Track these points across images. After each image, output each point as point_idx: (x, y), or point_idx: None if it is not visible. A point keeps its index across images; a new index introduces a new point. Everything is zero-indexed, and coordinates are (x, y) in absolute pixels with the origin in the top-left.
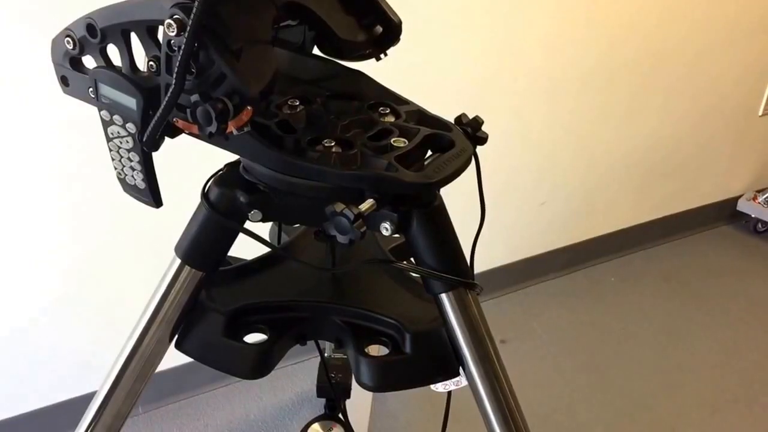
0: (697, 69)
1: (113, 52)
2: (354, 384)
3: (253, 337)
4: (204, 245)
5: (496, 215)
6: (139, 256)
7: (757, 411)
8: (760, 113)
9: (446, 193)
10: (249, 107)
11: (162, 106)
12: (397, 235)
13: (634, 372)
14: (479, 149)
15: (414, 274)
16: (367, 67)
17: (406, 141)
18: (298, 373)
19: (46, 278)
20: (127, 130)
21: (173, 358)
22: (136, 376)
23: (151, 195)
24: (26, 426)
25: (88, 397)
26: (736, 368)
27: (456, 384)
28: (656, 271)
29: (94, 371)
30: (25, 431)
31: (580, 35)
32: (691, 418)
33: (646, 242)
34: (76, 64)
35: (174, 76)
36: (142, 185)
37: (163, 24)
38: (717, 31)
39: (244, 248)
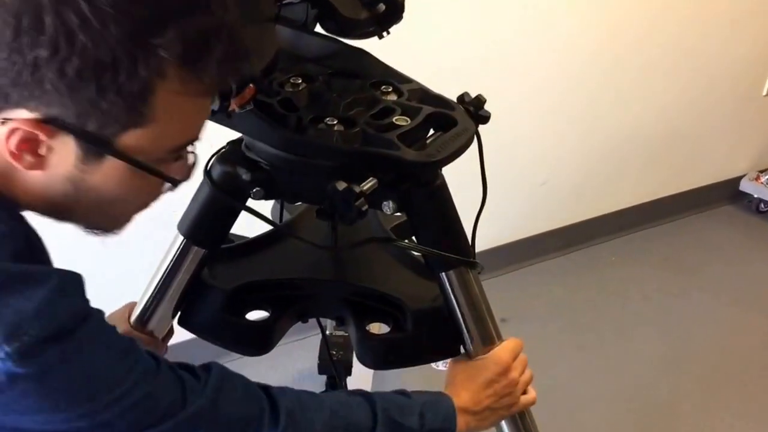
0: (700, 48)
1: None
2: (355, 361)
3: (255, 315)
4: (206, 223)
5: (497, 194)
6: (142, 232)
7: (755, 391)
8: (765, 93)
9: (448, 172)
10: (251, 85)
11: None
12: (398, 214)
13: (634, 351)
14: (481, 128)
15: (415, 253)
16: (369, 45)
17: (408, 119)
18: (300, 350)
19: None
20: None
21: (176, 334)
22: None
23: None
24: None
25: None
26: (735, 348)
27: None
28: (657, 251)
29: None
30: None
31: (583, 13)
32: (691, 398)
33: (647, 222)
34: None
35: None
36: None
37: None
38: (722, 11)
39: (247, 226)
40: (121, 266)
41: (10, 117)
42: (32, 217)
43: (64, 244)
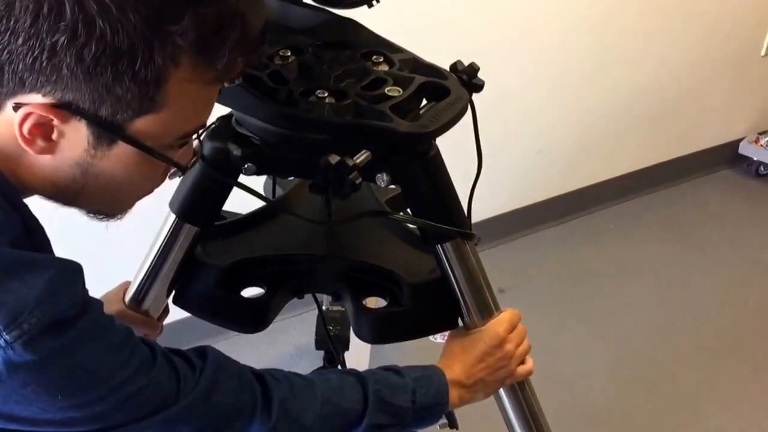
0: (698, 9)
1: None
2: (352, 336)
3: (250, 291)
4: (198, 200)
5: (493, 164)
6: (134, 211)
7: (756, 357)
8: (763, 53)
9: (442, 142)
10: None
11: None
12: (393, 186)
13: (634, 319)
14: (475, 97)
15: (411, 226)
16: (359, 14)
17: (400, 90)
18: (297, 326)
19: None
20: None
21: (172, 312)
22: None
23: None
24: None
25: None
26: (735, 314)
27: None
28: (655, 218)
29: None
30: None
31: None
32: (691, 365)
33: (645, 188)
34: None
35: None
36: None
37: None
38: None
39: (239, 203)
40: (115, 245)
41: (24, 101)
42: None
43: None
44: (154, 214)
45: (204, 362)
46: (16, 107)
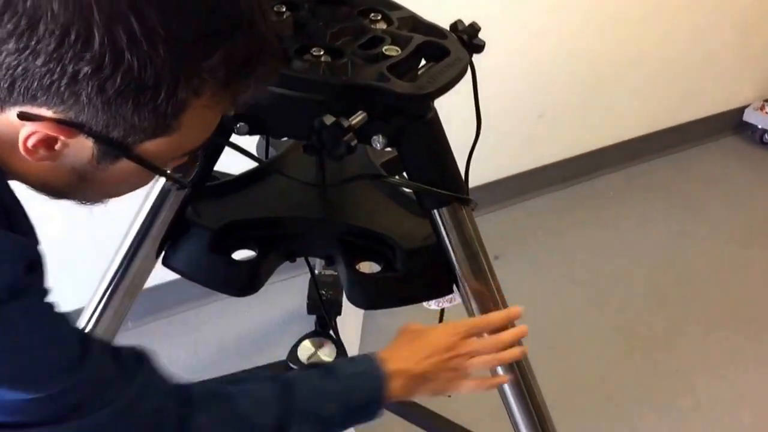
0: None
1: None
2: (345, 301)
3: (242, 254)
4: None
5: (492, 127)
6: None
7: (753, 328)
8: None
9: (440, 104)
10: None
11: None
12: (389, 149)
13: (630, 287)
14: (475, 58)
15: (407, 190)
16: None
17: (398, 49)
18: (289, 289)
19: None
20: None
21: (161, 274)
22: (123, 293)
23: None
24: None
25: (75, 314)
26: (733, 285)
27: (449, 301)
28: (657, 185)
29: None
30: None
31: None
32: (687, 334)
33: (647, 155)
34: None
35: None
36: None
37: None
38: None
39: (231, 164)
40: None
41: (31, 112)
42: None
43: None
44: None
45: (137, 368)
46: (22, 116)
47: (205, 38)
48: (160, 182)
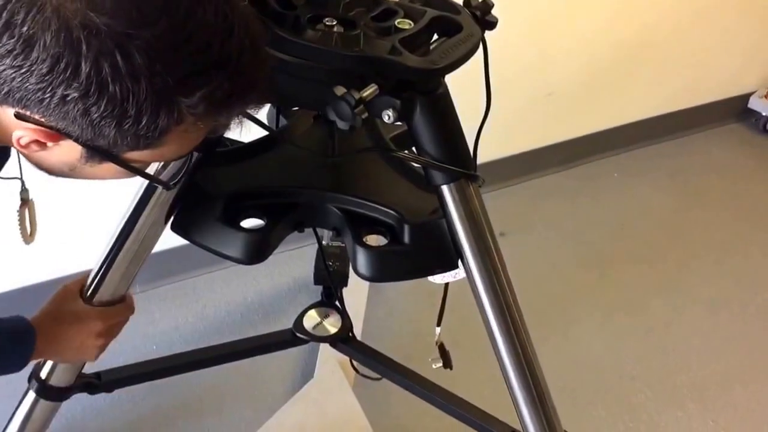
0: None
1: None
2: (351, 273)
3: (250, 222)
4: None
5: (501, 105)
6: None
7: (752, 310)
8: None
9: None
10: None
11: None
12: (399, 123)
13: (632, 268)
14: (488, 34)
15: (415, 165)
16: None
17: (411, 23)
18: (296, 259)
19: None
20: None
21: (168, 240)
22: (131, 257)
23: None
24: (21, 300)
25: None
26: (733, 267)
27: (454, 276)
28: (660, 168)
29: (85, 251)
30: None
31: None
32: (686, 316)
33: (651, 138)
34: None
35: None
36: None
37: None
38: None
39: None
40: None
41: (26, 114)
42: None
43: None
44: None
45: None
46: (18, 116)
47: (188, 78)
48: None
